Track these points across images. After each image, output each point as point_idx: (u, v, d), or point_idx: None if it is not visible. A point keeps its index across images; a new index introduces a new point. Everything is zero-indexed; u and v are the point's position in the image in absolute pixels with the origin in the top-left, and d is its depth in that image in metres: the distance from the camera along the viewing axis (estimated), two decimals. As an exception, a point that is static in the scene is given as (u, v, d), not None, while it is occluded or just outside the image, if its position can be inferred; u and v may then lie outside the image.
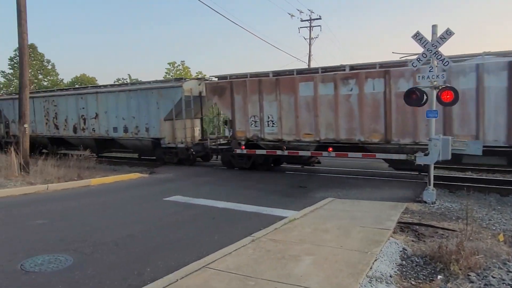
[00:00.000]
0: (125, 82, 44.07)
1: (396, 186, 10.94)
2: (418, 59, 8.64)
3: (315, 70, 13.00)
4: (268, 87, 13.34)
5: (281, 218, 7.20)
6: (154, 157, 17.81)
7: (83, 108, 18.58)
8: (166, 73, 47.36)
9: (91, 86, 21.15)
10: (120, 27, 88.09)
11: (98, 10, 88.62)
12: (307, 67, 30.41)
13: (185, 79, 18.04)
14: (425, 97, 8.80)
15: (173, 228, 6.78)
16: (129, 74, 53.83)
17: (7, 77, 52.71)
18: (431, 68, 8.49)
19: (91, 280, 4.39)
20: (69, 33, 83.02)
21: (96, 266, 4.83)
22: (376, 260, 4.55)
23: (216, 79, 15.29)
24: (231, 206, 8.53)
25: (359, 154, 12.03)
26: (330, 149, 12.30)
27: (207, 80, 16.01)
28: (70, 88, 20.24)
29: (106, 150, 20.23)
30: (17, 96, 15.62)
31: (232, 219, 7.42)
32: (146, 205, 8.80)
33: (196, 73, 47.77)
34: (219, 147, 15.59)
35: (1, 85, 54.50)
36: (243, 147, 14.04)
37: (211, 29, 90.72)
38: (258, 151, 13.85)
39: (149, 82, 17.80)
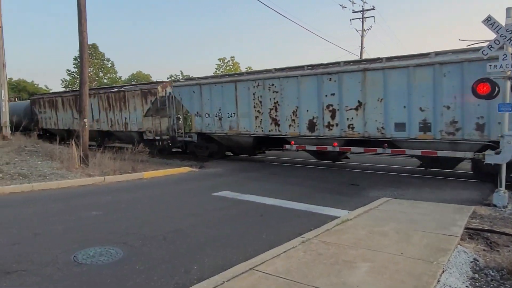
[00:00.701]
0: (177, 78, 45.37)
1: (460, 187, 10.02)
2: (490, 47, 7.74)
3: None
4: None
5: (333, 218, 6.82)
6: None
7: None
8: (216, 69, 48.09)
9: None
10: (171, 25, 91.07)
11: (150, 9, 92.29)
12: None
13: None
14: (496, 88, 7.90)
15: (220, 224, 6.67)
16: (181, 71, 55.46)
17: (72, 75, 56.56)
18: (504, 56, 7.56)
19: (139, 275, 4.36)
20: (125, 31, 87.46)
21: (144, 261, 4.81)
22: (443, 271, 4.05)
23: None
24: (279, 203, 8.28)
25: (418, 152, 11.16)
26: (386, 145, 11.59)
27: None
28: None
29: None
30: (219, 80, 15.71)
31: (281, 216, 7.16)
32: (195, 199, 8.82)
33: (246, 68, 48.02)
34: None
35: (67, 83, 58.64)
36: (292, 142, 13.66)
37: (260, 23, 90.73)
38: (308, 147, 13.39)
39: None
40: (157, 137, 18.77)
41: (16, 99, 39.33)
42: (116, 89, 21.33)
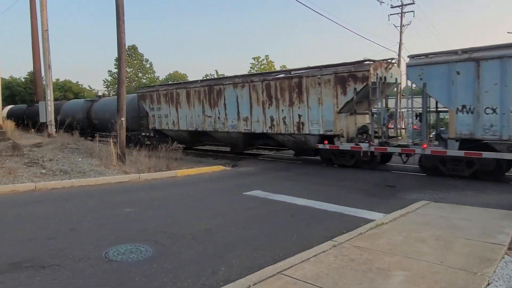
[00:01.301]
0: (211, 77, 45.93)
1: (507, 190, 9.31)
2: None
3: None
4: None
5: (367, 221, 6.54)
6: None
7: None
8: (251, 67, 48.25)
9: None
10: (205, 25, 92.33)
11: (185, 10, 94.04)
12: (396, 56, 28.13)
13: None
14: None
15: (250, 224, 6.58)
16: (216, 70, 56.13)
17: (113, 75, 58.90)
18: None
19: (167, 274, 4.36)
20: (162, 32, 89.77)
21: (173, 260, 4.81)
22: (488, 284, 3.71)
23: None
24: (311, 204, 8.07)
25: (461, 152, 10.48)
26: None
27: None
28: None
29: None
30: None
31: (312, 218, 6.96)
32: (226, 198, 8.79)
33: (280, 66, 47.81)
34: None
35: (108, 83, 61.17)
36: (326, 141, 13.34)
37: (295, 21, 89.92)
38: (343, 147, 13.05)
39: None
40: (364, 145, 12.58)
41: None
42: (282, 75, 15.28)
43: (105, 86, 60.83)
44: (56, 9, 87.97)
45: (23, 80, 59.63)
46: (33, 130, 22.17)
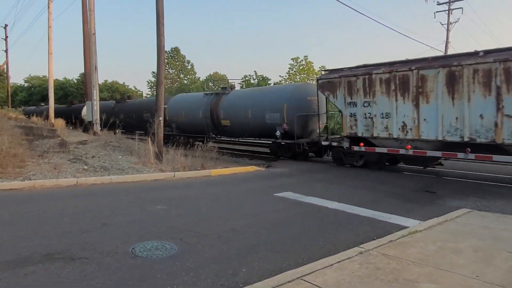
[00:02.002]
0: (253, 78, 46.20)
1: None
2: None
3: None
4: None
5: (399, 227, 6.22)
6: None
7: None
8: (290, 68, 47.89)
9: None
10: (244, 26, 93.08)
11: (225, 11, 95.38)
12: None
13: None
14: None
15: (277, 226, 6.48)
16: (255, 71, 56.36)
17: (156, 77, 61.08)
18: None
19: (188, 273, 4.38)
20: (202, 34, 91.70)
21: (195, 259, 4.84)
22: (529, 304, 3.36)
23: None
24: (342, 207, 7.82)
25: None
26: (468, 150, 10.29)
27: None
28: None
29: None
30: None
31: (342, 222, 6.73)
32: (256, 199, 8.75)
33: (319, 67, 47.05)
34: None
35: (152, 84, 63.48)
36: (362, 144, 12.96)
37: (336, 21, 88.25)
38: (378, 149, 12.59)
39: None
40: None
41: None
42: None
43: (149, 87, 63.24)
44: (105, 14, 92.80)
45: (75, 81, 63.49)
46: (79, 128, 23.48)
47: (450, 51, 28.40)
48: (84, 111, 20.10)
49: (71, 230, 5.91)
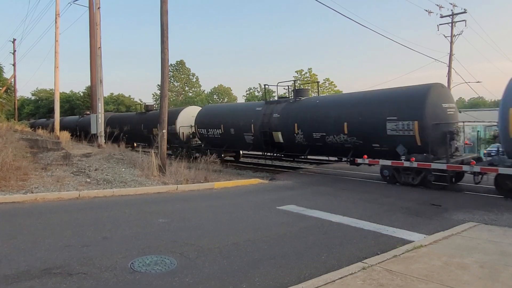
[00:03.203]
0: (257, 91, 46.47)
1: None
2: None
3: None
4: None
5: (404, 242, 6.11)
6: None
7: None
8: (294, 81, 48.16)
9: None
10: (251, 38, 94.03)
11: (230, 24, 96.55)
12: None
13: None
14: None
15: (280, 240, 6.38)
16: (259, 83, 56.72)
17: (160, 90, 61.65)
18: None
19: (187, 289, 4.31)
20: (208, 46, 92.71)
21: (195, 274, 4.76)
22: (538, 323, 3.24)
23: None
24: (346, 221, 7.71)
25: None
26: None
27: None
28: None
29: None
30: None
31: (345, 237, 6.62)
32: (259, 212, 8.66)
33: (324, 79, 47.26)
34: None
35: (157, 97, 63.96)
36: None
37: (338, 34, 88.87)
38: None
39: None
40: None
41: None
42: None
43: (154, 100, 63.69)
44: (112, 28, 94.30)
45: (81, 94, 64.16)
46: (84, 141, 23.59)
47: (455, 64, 28.44)
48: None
49: (71, 244, 5.87)
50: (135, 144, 26.22)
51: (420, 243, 5.72)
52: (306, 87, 20.63)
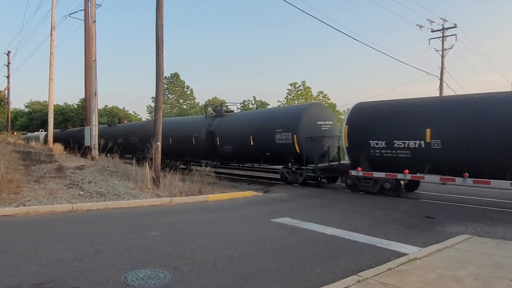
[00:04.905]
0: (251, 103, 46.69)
1: None
2: None
3: None
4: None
5: (399, 254, 6.12)
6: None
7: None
8: (288, 93, 48.53)
9: None
10: (245, 51, 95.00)
11: (225, 37, 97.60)
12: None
13: None
14: None
15: (274, 253, 6.35)
16: (254, 96, 57.04)
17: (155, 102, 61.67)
18: None
19: (181, 303, 4.26)
20: (203, 58, 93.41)
21: (189, 288, 4.72)
22: (532, 336, 3.25)
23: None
24: (341, 233, 7.71)
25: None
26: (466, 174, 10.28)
27: None
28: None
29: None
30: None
31: (340, 249, 6.62)
32: (253, 225, 8.63)
33: (317, 92, 47.68)
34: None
35: (152, 109, 64.02)
36: (359, 168, 12.95)
37: (332, 47, 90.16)
38: (376, 174, 12.56)
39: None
40: None
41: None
42: None
43: (148, 112, 63.69)
44: (106, 40, 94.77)
45: (75, 106, 63.99)
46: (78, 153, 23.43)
47: (446, 77, 28.92)
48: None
49: (63, 258, 5.79)
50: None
51: (414, 256, 5.73)
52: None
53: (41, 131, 48.73)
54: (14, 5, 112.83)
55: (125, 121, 34.89)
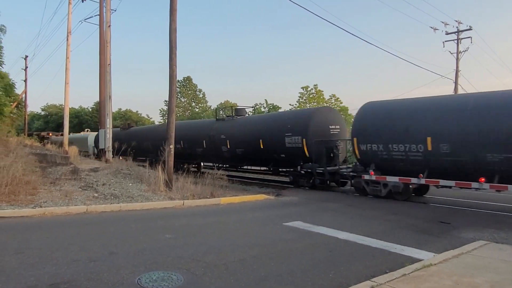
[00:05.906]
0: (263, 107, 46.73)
1: None
2: None
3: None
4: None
5: (413, 260, 6.03)
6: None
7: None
8: (300, 97, 48.41)
9: None
10: (257, 55, 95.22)
11: (238, 41, 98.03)
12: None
13: None
14: None
15: (286, 257, 6.33)
16: (266, 99, 57.07)
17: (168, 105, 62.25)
18: None
19: (194, 305, 4.28)
20: (215, 63, 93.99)
21: (202, 291, 4.74)
22: None
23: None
24: (353, 238, 7.64)
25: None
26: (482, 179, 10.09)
27: None
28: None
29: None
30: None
31: (353, 254, 6.56)
32: (265, 228, 8.62)
33: (330, 96, 47.44)
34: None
35: (164, 112, 64.66)
36: (372, 172, 12.83)
37: (346, 51, 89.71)
38: (389, 178, 12.41)
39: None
40: None
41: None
42: None
43: (161, 115, 64.32)
44: (119, 44, 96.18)
45: (90, 109, 65.10)
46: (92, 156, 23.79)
47: (461, 80, 28.48)
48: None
49: (79, 259, 5.88)
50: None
51: (429, 262, 5.65)
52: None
53: (87, 131, 45.36)
54: (32, 11, 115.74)
55: (134, 125, 35.10)
